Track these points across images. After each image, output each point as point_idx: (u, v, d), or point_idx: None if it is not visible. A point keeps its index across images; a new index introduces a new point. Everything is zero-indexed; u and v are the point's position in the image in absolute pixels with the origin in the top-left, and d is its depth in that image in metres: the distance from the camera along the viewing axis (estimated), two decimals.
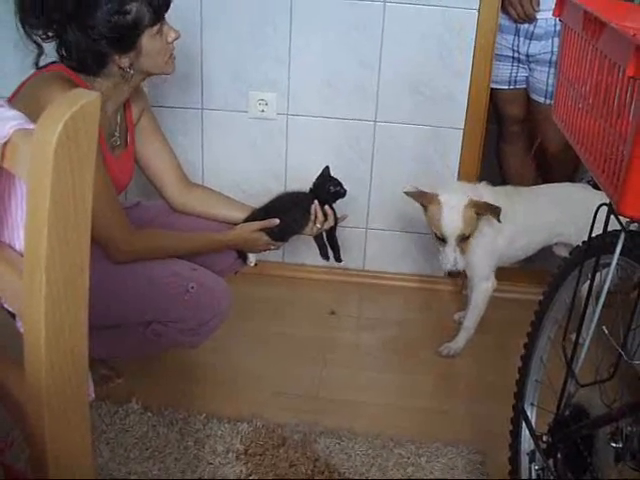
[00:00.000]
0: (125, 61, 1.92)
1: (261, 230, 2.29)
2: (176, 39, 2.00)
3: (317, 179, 2.38)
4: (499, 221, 2.31)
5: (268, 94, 2.82)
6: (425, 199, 2.37)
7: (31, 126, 0.82)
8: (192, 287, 2.06)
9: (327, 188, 2.35)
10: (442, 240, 2.35)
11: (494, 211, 2.31)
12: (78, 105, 0.72)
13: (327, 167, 2.40)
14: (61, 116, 0.71)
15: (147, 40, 1.91)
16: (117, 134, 2.11)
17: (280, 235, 2.32)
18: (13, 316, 0.99)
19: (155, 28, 1.91)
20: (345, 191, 2.37)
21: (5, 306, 0.94)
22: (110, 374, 2.32)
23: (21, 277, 0.84)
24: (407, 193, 2.40)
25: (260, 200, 2.94)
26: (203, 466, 1.99)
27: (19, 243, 0.92)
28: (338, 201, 2.38)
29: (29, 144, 0.77)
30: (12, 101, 1.88)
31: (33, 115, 0.87)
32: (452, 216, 2.31)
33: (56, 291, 0.80)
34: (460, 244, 2.34)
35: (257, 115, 2.85)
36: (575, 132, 1.45)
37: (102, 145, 2.02)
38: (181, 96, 2.85)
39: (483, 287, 2.51)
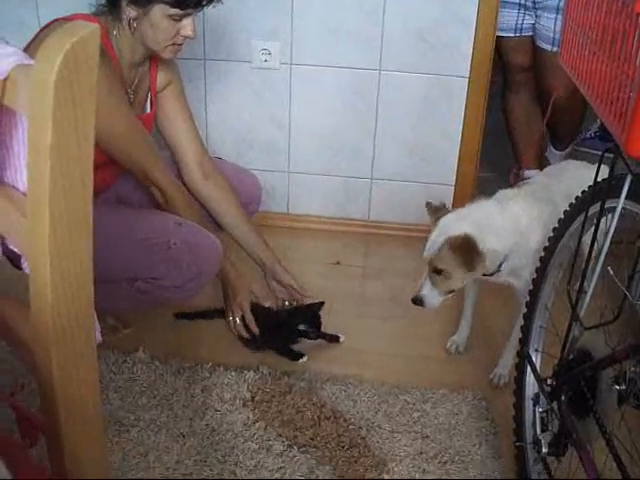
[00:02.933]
0: (132, 12, 1.96)
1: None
2: (188, 38, 2.03)
3: (304, 307, 2.33)
4: (469, 270, 1.93)
5: (271, 43, 2.79)
6: (436, 216, 2.03)
7: (31, 61, 0.81)
8: (174, 243, 2.02)
9: (296, 324, 2.28)
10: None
11: (472, 259, 1.91)
12: (77, 36, 0.71)
13: (322, 303, 2.33)
14: (61, 47, 0.70)
15: (158, 12, 1.94)
16: (131, 92, 2.11)
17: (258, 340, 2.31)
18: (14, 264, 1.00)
19: (172, 11, 1.94)
20: (315, 337, 2.29)
21: (11, 247, 0.94)
22: (118, 324, 2.34)
23: (25, 216, 0.84)
24: (427, 204, 2.08)
25: (264, 149, 2.96)
26: (211, 413, 2.02)
27: (22, 184, 0.91)
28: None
29: (29, 79, 0.76)
30: (29, 47, 1.88)
31: None
32: (434, 239, 1.97)
33: (60, 226, 0.79)
34: (434, 277, 1.98)
35: (260, 65, 2.82)
36: (582, 75, 1.43)
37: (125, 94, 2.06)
38: (183, 46, 2.82)
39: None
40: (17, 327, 0.96)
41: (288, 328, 2.29)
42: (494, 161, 3.46)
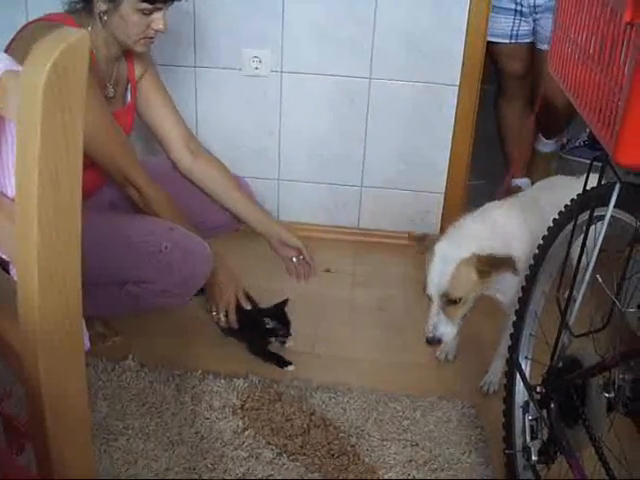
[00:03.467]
0: (102, 6, 1.96)
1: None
2: (159, 32, 2.02)
3: (271, 307, 2.32)
4: (516, 273, 1.85)
5: (262, 51, 2.79)
6: (423, 245, 1.97)
7: (19, 68, 0.81)
8: (166, 247, 2.01)
9: (264, 321, 2.27)
10: (430, 299, 1.91)
11: (506, 263, 1.83)
12: (66, 42, 0.70)
13: (286, 300, 2.32)
14: (49, 54, 0.70)
15: (128, 6, 1.94)
16: (110, 86, 2.11)
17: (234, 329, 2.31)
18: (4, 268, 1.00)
19: (142, 5, 1.94)
20: (285, 334, 2.28)
21: None
22: (107, 332, 2.32)
23: (13, 222, 0.84)
24: (410, 235, 2.06)
25: (254, 157, 2.96)
26: (200, 421, 2.01)
27: (11, 189, 0.91)
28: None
29: (18, 85, 0.75)
30: (8, 50, 1.88)
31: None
32: (440, 270, 1.87)
33: (48, 232, 0.79)
34: (448, 308, 1.88)
35: (251, 72, 2.82)
36: (571, 83, 1.44)
37: (101, 90, 2.06)
38: (174, 54, 2.82)
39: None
40: (4, 333, 0.95)
41: (258, 326, 2.28)
42: (485, 169, 3.47)
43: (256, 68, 2.81)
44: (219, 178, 2.35)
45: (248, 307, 2.29)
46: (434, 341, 1.91)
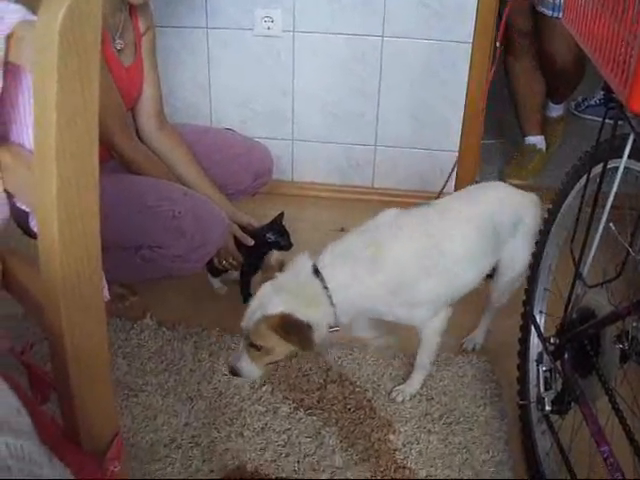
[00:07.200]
0: None
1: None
2: None
3: (268, 223, 2.30)
4: (304, 348, 1.74)
5: (274, 11, 2.77)
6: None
7: (35, 17, 0.82)
8: (179, 212, 2.02)
9: (265, 236, 2.26)
10: None
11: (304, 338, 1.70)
12: None
13: (282, 213, 2.32)
14: None
15: None
16: (117, 38, 2.09)
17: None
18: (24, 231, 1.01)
19: None
20: (287, 245, 2.28)
21: (18, 205, 0.96)
22: (125, 292, 2.35)
23: (33, 174, 0.85)
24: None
25: (268, 117, 2.95)
26: (218, 377, 2.04)
27: (29, 141, 0.92)
28: None
29: (33, 32, 0.76)
30: None
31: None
32: (251, 311, 1.73)
33: (67, 178, 0.80)
34: (253, 352, 1.73)
35: (263, 32, 2.81)
36: (586, 34, 1.43)
37: (106, 45, 2.04)
38: (186, 16, 2.81)
39: (434, 325, 1.93)
40: (26, 282, 0.97)
41: (260, 242, 2.28)
42: (499, 128, 3.46)
43: (268, 28, 2.80)
44: (177, 151, 2.29)
45: (251, 243, 2.27)
46: (233, 372, 1.79)
